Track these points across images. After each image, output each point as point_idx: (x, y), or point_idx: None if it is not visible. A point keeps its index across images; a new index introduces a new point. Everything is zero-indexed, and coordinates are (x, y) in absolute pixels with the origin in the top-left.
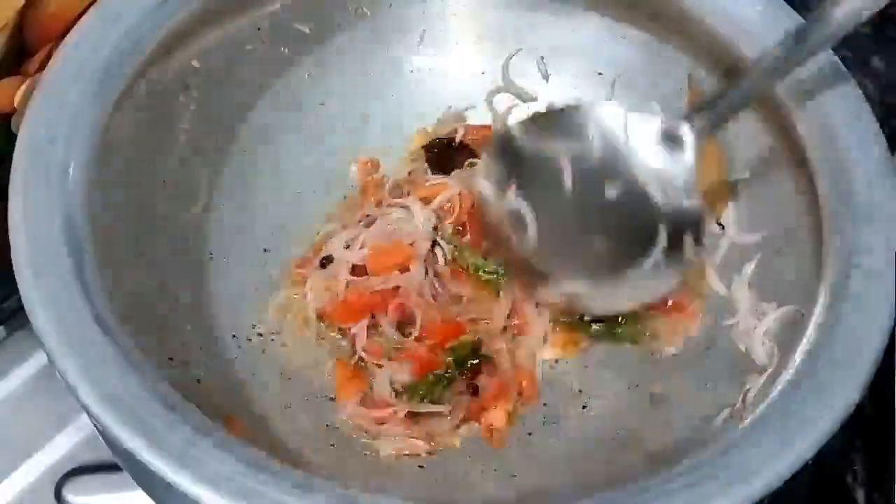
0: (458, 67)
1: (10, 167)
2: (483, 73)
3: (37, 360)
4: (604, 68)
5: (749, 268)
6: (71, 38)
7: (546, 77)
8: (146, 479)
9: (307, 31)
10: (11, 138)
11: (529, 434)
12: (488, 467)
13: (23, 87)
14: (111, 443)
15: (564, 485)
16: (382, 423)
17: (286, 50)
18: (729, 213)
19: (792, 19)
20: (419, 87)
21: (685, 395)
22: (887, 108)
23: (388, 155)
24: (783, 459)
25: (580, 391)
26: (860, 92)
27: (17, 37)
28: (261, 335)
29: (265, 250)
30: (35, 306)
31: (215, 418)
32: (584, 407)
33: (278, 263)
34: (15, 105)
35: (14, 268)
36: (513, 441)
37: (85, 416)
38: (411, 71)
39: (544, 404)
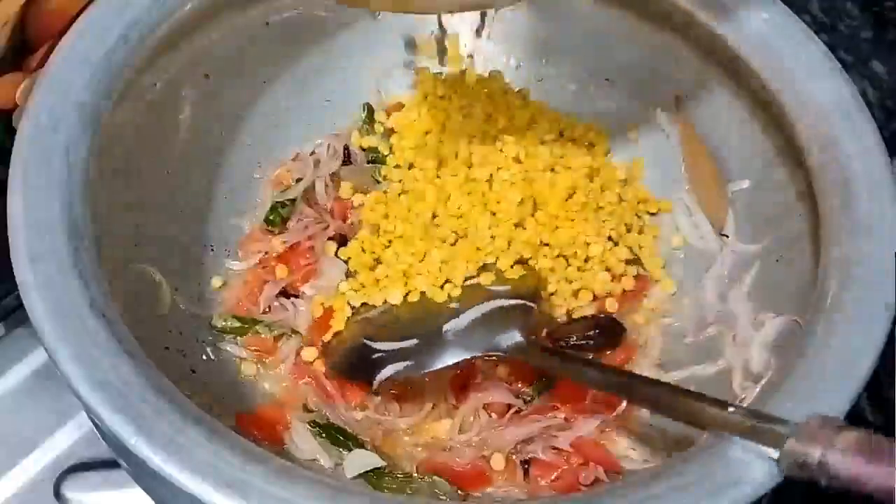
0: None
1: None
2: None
3: (36, 358)
4: (605, 70)
5: (748, 278)
6: (77, 25)
7: (541, 78)
8: (136, 468)
9: (315, 27)
10: (13, 134)
11: None
12: None
13: (24, 84)
14: (101, 430)
15: None
16: None
17: (293, 45)
18: (729, 223)
19: (797, 28)
20: None
21: None
22: (887, 111)
23: None
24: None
25: None
26: (860, 96)
27: (18, 33)
28: None
29: None
30: (30, 290)
31: (206, 408)
32: None
33: None
34: (16, 101)
35: (10, 251)
36: None
37: (84, 412)
38: (417, 71)
39: None
